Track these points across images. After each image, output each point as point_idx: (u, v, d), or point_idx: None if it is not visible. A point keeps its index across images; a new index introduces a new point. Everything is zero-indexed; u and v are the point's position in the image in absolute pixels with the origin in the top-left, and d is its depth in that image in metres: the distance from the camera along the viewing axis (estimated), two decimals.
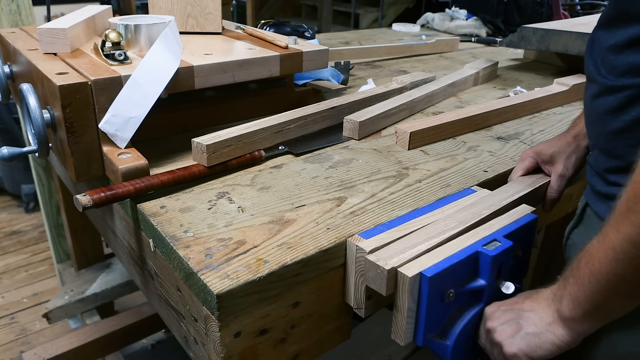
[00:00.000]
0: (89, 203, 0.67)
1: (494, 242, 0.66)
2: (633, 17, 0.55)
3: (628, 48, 0.57)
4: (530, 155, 0.84)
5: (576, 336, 0.58)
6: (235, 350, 0.60)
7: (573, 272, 0.56)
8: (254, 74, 0.91)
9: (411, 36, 2.04)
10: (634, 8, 0.55)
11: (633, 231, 0.47)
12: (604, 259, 0.51)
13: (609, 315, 0.56)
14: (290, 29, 1.38)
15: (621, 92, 0.58)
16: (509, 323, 0.62)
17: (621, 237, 0.48)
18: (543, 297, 0.62)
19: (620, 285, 0.51)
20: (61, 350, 1.40)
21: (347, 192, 0.77)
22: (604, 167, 0.63)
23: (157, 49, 0.80)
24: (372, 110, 1.01)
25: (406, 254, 0.61)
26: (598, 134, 0.64)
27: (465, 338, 0.67)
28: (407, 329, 0.63)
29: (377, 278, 0.60)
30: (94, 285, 1.62)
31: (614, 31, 0.59)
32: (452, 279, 0.62)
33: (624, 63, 0.57)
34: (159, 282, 0.74)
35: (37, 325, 1.94)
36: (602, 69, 0.61)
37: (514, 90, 1.31)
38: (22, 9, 1.39)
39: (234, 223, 0.68)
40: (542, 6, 1.99)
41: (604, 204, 0.63)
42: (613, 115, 0.59)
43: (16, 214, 2.65)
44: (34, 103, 0.77)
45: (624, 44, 0.57)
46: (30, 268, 2.25)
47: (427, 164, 0.88)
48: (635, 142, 0.55)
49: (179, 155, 0.86)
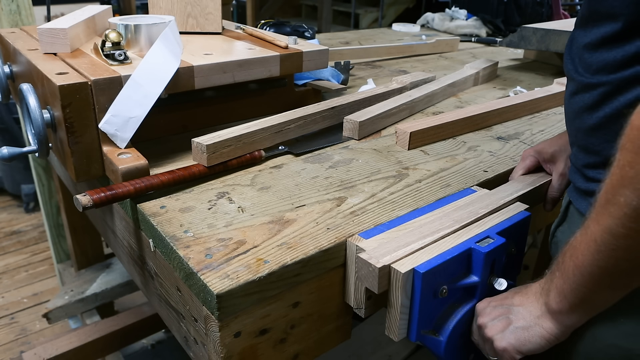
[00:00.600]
0: (89, 203, 0.67)
1: (486, 239, 0.66)
2: (603, 17, 0.57)
3: (601, 46, 0.58)
4: (532, 154, 0.84)
5: (564, 329, 0.59)
6: (235, 350, 0.60)
7: (559, 266, 0.57)
8: (254, 74, 0.91)
9: (411, 36, 2.04)
10: (603, 8, 0.57)
11: (612, 222, 0.47)
12: (587, 251, 0.51)
13: (595, 308, 0.57)
14: (290, 29, 1.38)
15: (596, 89, 0.59)
16: (499, 318, 0.63)
17: (601, 229, 0.49)
18: (531, 291, 0.63)
19: (603, 276, 0.52)
20: (61, 350, 1.40)
21: (347, 192, 0.77)
22: (582, 163, 0.65)
23: (157, 49, 0.80)
24: (372, 110, 1.01)
25: (398, 252, 0.62)
26: (576, 130, 0.65)
27: (459, 334, 0.68)
28: (400, 325, 0.63)
29: (369, 276, 0.60)
30: (94, 285, 1.62)
31: (588, 30, 0.60)
32: (445, 275, 0.63)
33: (598, 61, 0.59)
34: (159, 282, 0.74)
35: (37, 325, 1.94)
36: (579, 67, 0.62)
37: (514, 90, 1.31)
38: (22, 9, 1.39)
39: (234, 223, 0.68)
40: (542, 6, 1.99)
41: (585, 200, 0.64)
42: (589, 112, 0.61)
43: (16, 214, 2.65)
44: (34, 103, 0.77)
45: (597, 43, 0.59)
46: (30, 268, 2.25)
47: (427, 164, 0.88)
48: (611, 138, 0.56)
49: (179, 155, 0.86)
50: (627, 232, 0.47)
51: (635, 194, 0.44)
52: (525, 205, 0.74)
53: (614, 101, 0.57)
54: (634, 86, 0.55)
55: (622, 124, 0.46)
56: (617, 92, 0.57)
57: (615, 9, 0.55)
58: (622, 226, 0.47)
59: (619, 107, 0.57)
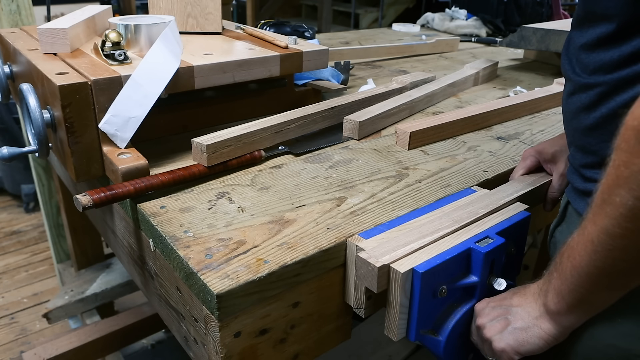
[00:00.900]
0: (89, 203, 0.67)
1: (486, 239, 0.66)
2: (599, 18, 0.57)
3: (598, 47, 0.58)
4: (532, 154, 0.84)
5: (562, 330, 0.59)
6: (235, 350, 0.60)
7: (556, 267, 0.57)
8: (254, 74, 0.91)
9: (411, 36, 2.04)
10: (599, 9, 0.57)
11: (609, 223, 0.47)
12: (584, 251, 0.51)
13: (593, 308, 0.57)
14: (290, 29, 1.38)
15: (593, 89, 0.59)
16: (497, 319, 0.63)
17: (598, 229, 0.49)
18: (530, 292, 0.63)
19: (600, 277, 0.52)
20: (61, 350, 1.40)
21: (347, 192, 0.77)
22: (580, 163, 0.65)
23: (157, 49, 0.80)
24: (372, 110, 1.01)
25: (398, 252, 0.62)
26: (573, 130, 0.65)
27: (458, 334, 0.68)
28: (399, 325, 0.63)
29: (369, 275, 0.60)
30: (94, 285, 1.62)
31: (584, 31, 0.60)
32: (444, 275, 0.63)
33: (595, 61, 0.59)
34: (159, 282, 0.74)
35: (37, 325, 1.94)
36: (577, 68, 0.63)
37: (514, 90, 1.31)
38: (22, 9, 1.39)
39: (234, 223, 0.68)
40: (542, 6, 1.99)
41: (583, 200, 0.64)
42: (586, 112, 0.61)
43: (16, 214, 2.65)
44: (34, 103, 0.77)
45: (594, 43, 0.59)
46: (30, 268, 2.25)
47: (427, 164, 0.88)
48: (607, 138, 0.56)
49: (179, 155, 0.86)
50: (624, 232, 0.46)
51: (630, 194, 0.44)
52: (525, 206, 0.74)
53: (611, 101, 0.57)
54: (630, 86, 0.55)
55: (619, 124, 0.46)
56: (614, 92, 0.57)
57: (609, 10, 0.55)
58: (618, 226, 0.47)
59: (615, 107, 0.57)
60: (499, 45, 1.91)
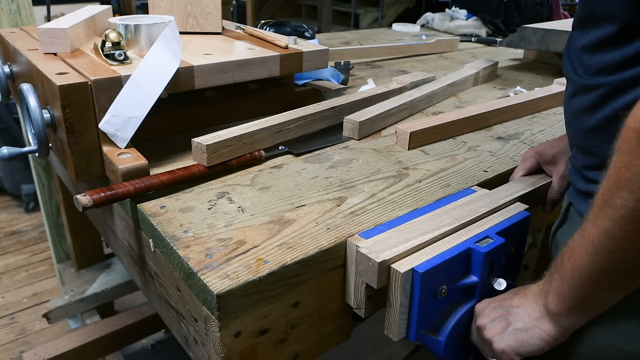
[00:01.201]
0: (89, 203, 0.67)
1: (486, 239, 0.66)
2: (600, 19, 0.57)
3: (600, 48, 0.58)
4: (532, 156, 0.84)
5: (563, 331, 0.59)
6: (235, 350, 0.60)
7: (557, 268, 0.57)
8: (254, 74, 0.91)
9: (411, 36, 2.04)
10: (600, 11, 0.57)
11: (609, 224, 0.47)
12: (584, 253, 0.51)
13: (594, 310, 0.57)
14: (290, 29, 1.38)
15: (595, 90, 0.59)
16: (498, 320, 0.63)
17: (599, 231, 0.49)
18: (530, 293, 0.63)
19: (601, 278, 0.52)
20: (61, 350, 1.40)
21: (347, 192, 0.77)
22: (582, 164, 0.65)
23: (157, 49, 0.80)
24: (372, 110, 1.01)
25: (399, 248, 0.62)
26: (575, 132, 0.65)
27: (458, 334, 0.68)
28: (399, 325, 0.63)
29: (369, 271, 0.60)
30: (94, 285, 1.62)
31: (586, 32, 0.60)
32: (444, 275, 0.63)
33: (597, 62, 0.59)
34: (159, 282, 0.74)
35: (37, 325, 1.94)
36: (579, 69, 0.62)
37: (514, 90, 1.31)
38: (22, 9, 1.39)
39: (234, 223, 0.68)
40: (542, 6, 1.99)
41: (585, 201, 0.64)
42: (588, 113, 0.61)
43: (16, 214, 2.65)
44: (34, 103, 0.77)
45: (596, 45, 0.59)
46: (30, 268, 2.25)
47: (427, 164, 0.88)
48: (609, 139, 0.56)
49: (179, 155, 0.86)
50: (624, 234, 0.47)
51: (631, 196, 0.44)
52: (525, 205, 0.74)
53: (613, 103, 0.57)
54: (633, 87, 0.55)
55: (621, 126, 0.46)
56: (616, 94, 0.57)
57: (611, 11, 0.55)
58: (619, 228, 0.47)
59: (617, 109, 0.57)
60: (499, 45, 1.91)
